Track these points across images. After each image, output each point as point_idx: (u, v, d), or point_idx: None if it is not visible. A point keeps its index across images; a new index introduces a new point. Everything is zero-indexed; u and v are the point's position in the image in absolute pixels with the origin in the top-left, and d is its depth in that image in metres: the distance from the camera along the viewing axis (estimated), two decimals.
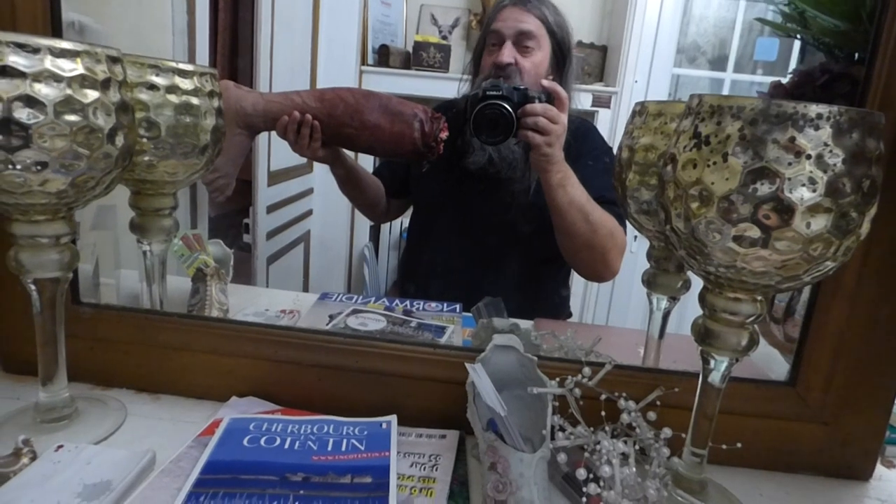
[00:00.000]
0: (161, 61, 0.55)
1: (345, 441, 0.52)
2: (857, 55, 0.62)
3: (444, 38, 2.21)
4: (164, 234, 0.62)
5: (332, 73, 1.63)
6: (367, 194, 1.08)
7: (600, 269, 0.95)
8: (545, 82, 0.87)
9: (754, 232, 0.36)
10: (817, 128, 0.35)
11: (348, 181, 1.02)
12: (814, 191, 0.35)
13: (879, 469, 0.59)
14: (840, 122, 0.35)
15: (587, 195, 0.89)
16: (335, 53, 1.70)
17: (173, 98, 0.56)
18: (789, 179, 0.35)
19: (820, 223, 0.36)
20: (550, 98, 0.85)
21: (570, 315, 1.15)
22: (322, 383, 0.59)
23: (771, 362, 0.64)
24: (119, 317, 0.59)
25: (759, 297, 0.42)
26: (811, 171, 0.35)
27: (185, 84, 0.57)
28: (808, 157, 0.35)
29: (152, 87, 0.55)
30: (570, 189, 0.88)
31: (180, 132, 0.57)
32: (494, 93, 0.84)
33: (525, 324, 0.82)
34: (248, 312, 0.83)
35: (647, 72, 2.08)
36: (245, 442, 0.50)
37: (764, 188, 0.35)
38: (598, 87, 2.15)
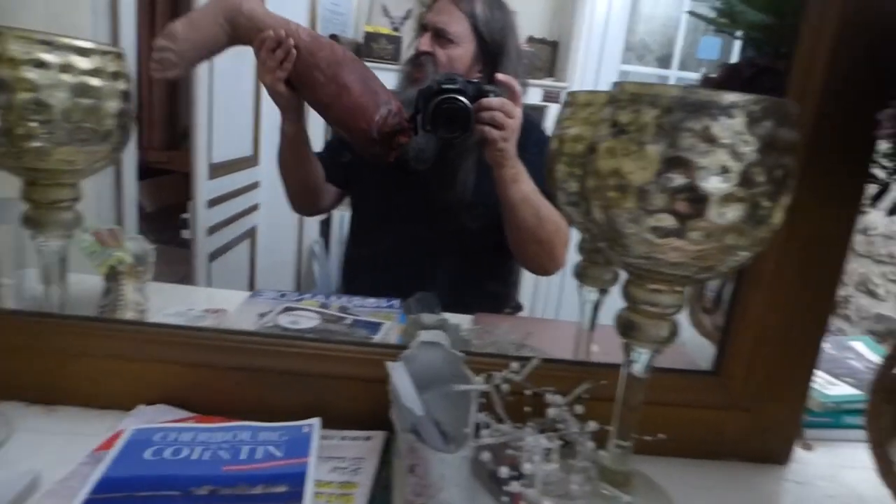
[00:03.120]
0: (54, 37, 0.50)
1: (261, 448, 0.49)
2: (782, 49, 0.63)
3: (396, 29, 2.17)
4: (62, 229, 0.57)
5: None
6: (308, 172, 1.01)
7: (546, 263, 0.95)
8: (500, 76, 0.86)
9: (670, 222, 0.36)
10: (731, 116, 0.34)
11: (294, 146, 0.95)
12: (727, 180, 0.34)
13: (797, 452, 0.61)
14: (753, 112, 0.35)
15: (537, 190, 0.88)
16: None
17: (68, 78, 0.50)
18: (703, 169, 0.34)
19: (734, 213, 0.35)
20: (504, 92, 0.84)
21: (519, 308, 1.15)
22: (241, 387, 0.55)
23: (703, 352, 0.65)
24: (7, 320, 0.54)
25: (679, 289, 0.42)
26: (725, 161, 0.34)
27: (84, 63, 0.51)
28: (722, 145, 0.34)
29: (42, 64, 0.50)
30: (523, 184, 0.88)
31: (77, 116, 0.51)
32: (451, 86, 0.81)
33: (467, 318, 0.81)
34: (169, 313, 0.78)
35: (596, 68, 2.11)
36: (147, 455, 0.46)
37: (679, 177, 0.35)
38: (548, 82, 2.16)
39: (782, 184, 0.36)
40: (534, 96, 2.04)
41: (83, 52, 0.52)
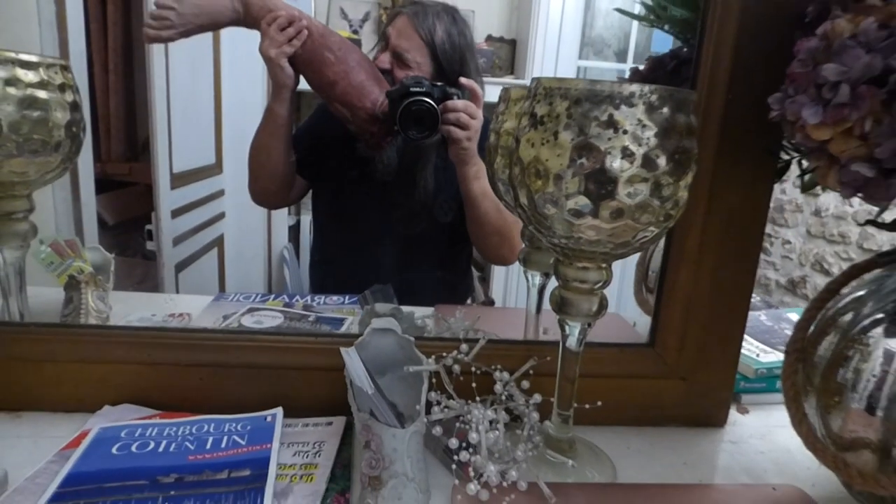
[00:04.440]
0: None
1: (225, 438, 0.51)
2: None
3: (355, 32, 2.19)
4: (18, 240, 0.58)
5: (238, 64, 1.57)
6: (283, 157, 1.01)
7: (506, 253, 1.00)
8: (463, 80, 0.90)
9: (585, 203, 0.39)
10: (631, 105, 0.38)
11: (278, 127, 0.96)
12: (631, 163, 0.38)
13: (733, 415, 0.66)
14: (651, 100, 0.39)
15: None
16: (240, 45, 1.64)
17: (14, 91, 0.52)
18: (609, 153, 0.38)
19: (640, 192, 0.39)
20: (467, 94, 0.89)
21: (491, 303, 1.20)
22: (204, 383, 0.57)
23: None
24: None
25: (604, 265, 0.46)
26: (627, 145, 0.38)
27: (29, 76, 0.53)
28: (625, 131, 0.38)
29: None
30: (484, 180, 0.92)
31: (26, 129, 0.53)
32: (418, 89, 0.86)
33: (429, 311, 0.84)
34: (132, 319, 0.80)
35: (554, 65, 2.16)
36: (114, 450, 0.48)
37: (589, 162, 0.39)
38: (508, 79, 2.20)
39: (683, 164, 0.40)
40: (495, 94, 2.08)
41: (28, 65, 0.53)
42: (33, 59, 0.53)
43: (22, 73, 0.52)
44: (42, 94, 0.54)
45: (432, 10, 0.99)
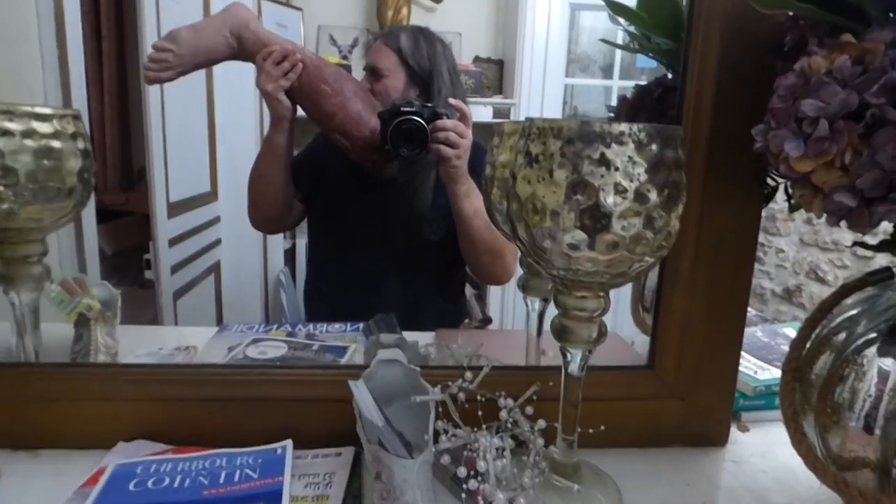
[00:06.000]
0: (14, 106, 0.54)
1: (238, 472, 0.53)
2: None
3: (345, 57, 2.23)
4: (33, 282, 0.60)
5: (229, 90, 1.60)
6: (283, 184, 1.03)
7: (499, 273, 1.03)
8: (452, 100, 0.95)
9: (581, 237, 0.41)
10: (621, 143, 0.40)
11: (277, 157, 0.98)
12: (624, 198, 0.40)
13: (734, 434, 0.67)
14: (640, 138, 0.41)
15: None
16: (231, 74, 1.67)
17: (30, 143, 0.54)
18: (603, 189, 0.40)
19: (634, 225, 0.41)
20: (455, 114, 0.92)
21: (489, 321, 1.21)
22: (213, 417, 0.59)
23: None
24: None
25: (601, 294, 0.48)
26: (620, 181, 0.40)
27: (44, 128, 0.55)
28: (616, 168, 0.40)
29: (6, 133, 0.53)
30: (475, 199, 0.96)
31: (41, 177, 0.55)
32: (409, 109, 0.90)
33: (428, 336, 0.86)
34: (140, 353, 0.81)
35: (542, 83, 2.19)
36: (131, 487, 0.49)
37: (584, 198, 0.40)
38: (497, 99, 2.24)
39: (673, 197, 0.42)
40: (485, 114, 2.11)
41: (43, 117, 0.56)
42: (47, 111, 0.56)
43: (37, 125, 0.54)
44: (56, 143, 0.56)
45: (401, 28, 1.08)
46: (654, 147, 0.41)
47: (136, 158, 1.41)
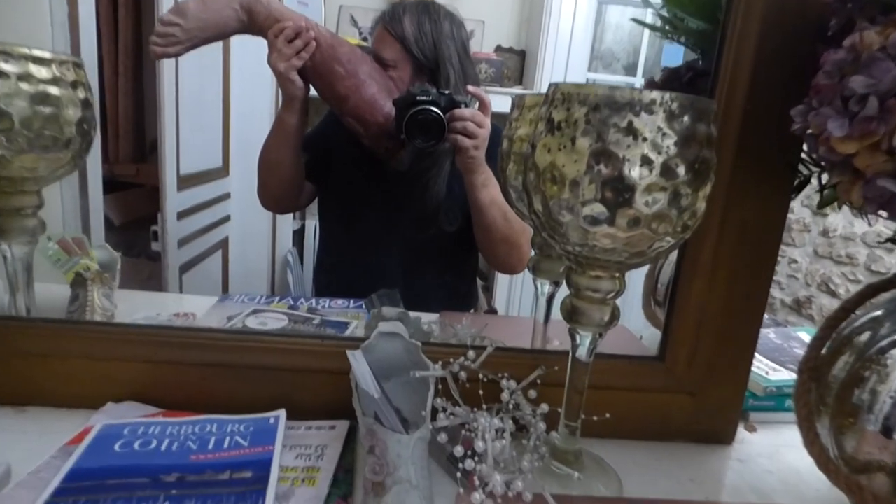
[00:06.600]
0: (11, 47, 0.52)
1: (228, 438, 0.51)
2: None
3: (365, 39, 2.19)
4: (26, 236, 0.58)
5: (247, 68, 1.58)
6: (294, 165, 1.01)
7: (514, 262, 1.00)
8: (471, 88, 0.90)
9: (600, 210, 0.39)
10: (651, 112, 0.38)
11: (289, 137, 0.95)
12: (650, 171, 0.38)
13: (741, 433, 0.64)
14: (672, 108, 0.38)
15: None
16: (249, 49, 1.65)
17: (26, 87, 0.52)
18: (628, 160, 0.38)
19: (658, 201, 0.39)
20: (474, 103, 0.88)
21: (494, 313, 1.19)
22: (206, 382, 0.57)
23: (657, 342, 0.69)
24: None
25: (617, 275, 0.45)
26: (647, 153, 0.38)
27: (42, 73, 0.53)
28: (644, 139, 0.38)
29: (1, 74, 0.51)
30: (492, 188, 0.92)
31: (37, 125, 0.53)
32: (424, 98, 0.86)
33: (433, 317, 0.84)
34: (138, 317, 0.79)
35: (563, 76, 2.16)
36: (117, 447, 0.48)
37: (607, 169, 0.38)
38: (517, 90, 2.20)
39: (702, 174, 0.40)
40: (503, 104, 2.08)
41: (41, 61, 0.53)
42: (46, 55, 0.53)
43: (35, 69, 0.52)
44: (54, 90, 0.53)
45: (405, 7, 0.99)
46: (686, 119, 0.38)
47: (148, 131, 1.40)
